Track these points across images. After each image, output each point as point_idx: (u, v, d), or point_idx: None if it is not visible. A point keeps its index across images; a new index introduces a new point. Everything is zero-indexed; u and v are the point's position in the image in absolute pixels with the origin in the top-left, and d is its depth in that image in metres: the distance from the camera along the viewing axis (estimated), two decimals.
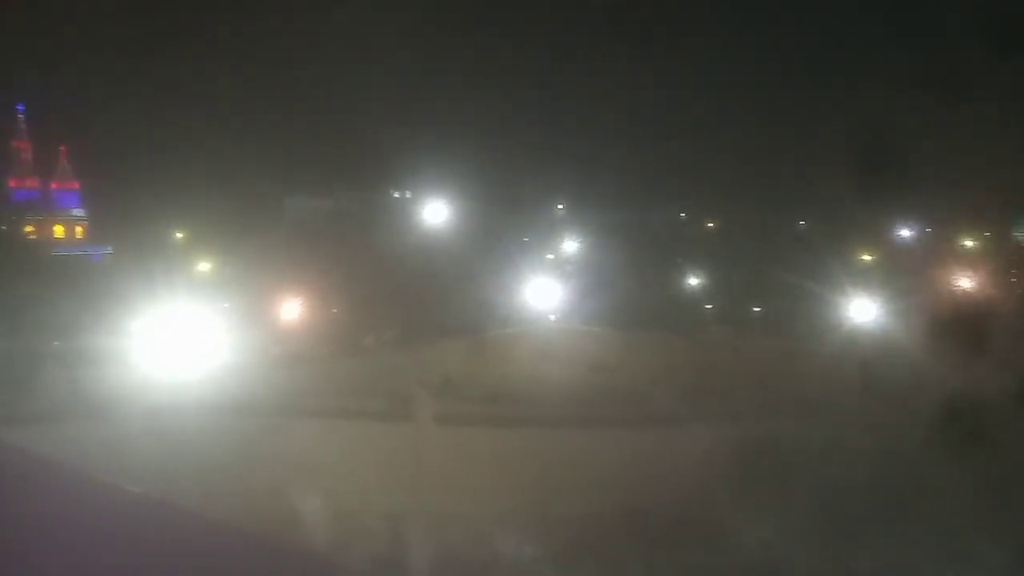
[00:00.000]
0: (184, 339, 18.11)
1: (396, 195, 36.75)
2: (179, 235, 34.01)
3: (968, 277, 29.60)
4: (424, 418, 12.75)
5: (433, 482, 12.32)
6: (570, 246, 38.30)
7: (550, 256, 35.82)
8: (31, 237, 37.98)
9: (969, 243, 38.49)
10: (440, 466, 12.38)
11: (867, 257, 34.20)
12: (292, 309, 24.32)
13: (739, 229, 38.97)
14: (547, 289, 27.43)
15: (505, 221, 34.23)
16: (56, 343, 19.53)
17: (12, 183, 39.82)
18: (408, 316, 25.62)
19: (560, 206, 41.80)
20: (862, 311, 23.10)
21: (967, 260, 34.33)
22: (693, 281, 35.75)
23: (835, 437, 15.28)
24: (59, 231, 39.72)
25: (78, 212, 40.49)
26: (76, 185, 40.26)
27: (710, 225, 42.03)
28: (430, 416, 12.75)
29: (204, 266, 30.18)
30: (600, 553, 11.99)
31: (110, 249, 36.32)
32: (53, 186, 40.30)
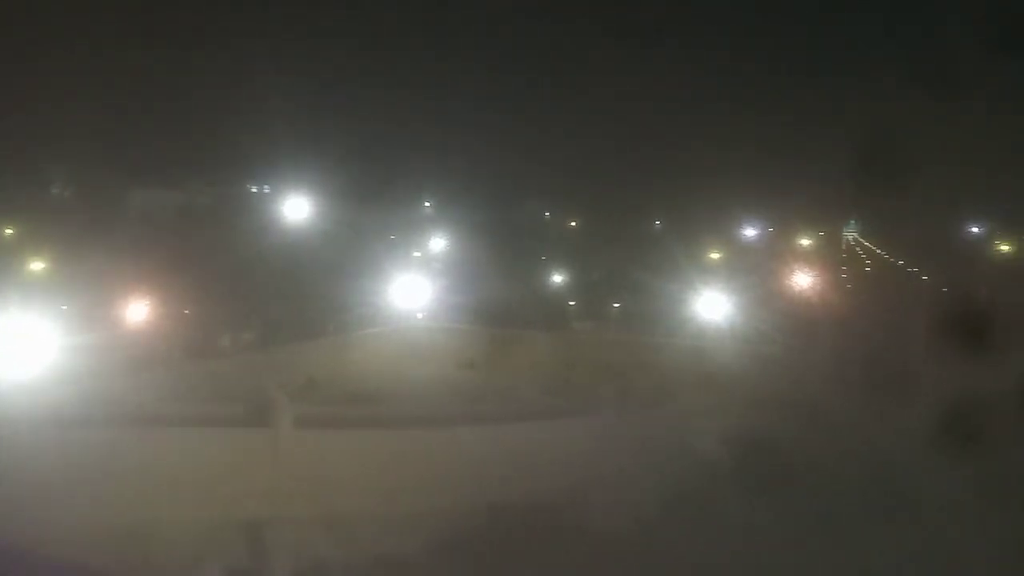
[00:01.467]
0: (16, 345, 16.60)
1: (254, 189, 35.30)
2: (8, 231, 31.11)
3: (805, 273, 32.20)
4: (284, 422, 12.30)
5: (294, 488, 11.92)
6: (437, 244, 38.23)
7: (417, 254, 35.62)
8: None
9: (806, 241, 41.82)
10: (301, 471, 11.99)
11: (715, 256, 36.38)
12: (139, 310, 22.81)
13: (600, 228, 40.40)
14: (414, 287, 27.25)
15: (370, 218, 33.69)
16: None
17: None
18: (268, 316, 24.69)
19: (427, 203, 41.59)
20: (711, 306, 24.50)
21: (804, 257, 37.33)
22: (557, 278, 36.67)
23: (692, 425, 16.17)
24: None
25: None
26: None
27: (573, 224, 43.24)
28: (290, 420, 12.32)
29: (38, 265, 27.74)
30: (467, 550, 12.03)
31: None
32: None
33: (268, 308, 24.95)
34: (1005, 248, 40.60)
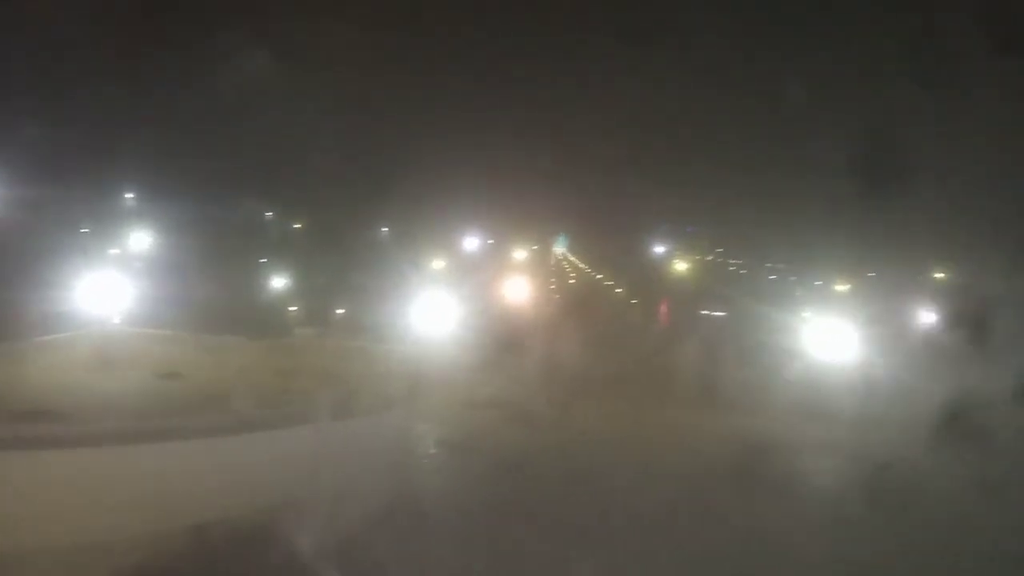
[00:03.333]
0: None
1: None
2: None
3: (518, 284, 34.55)
4: None
5: None
6: (141, 240, 34.95)
7: (115, 250, 32.16)
8: None
9: (520, 254, 44.88)
10: None
11: (438, 265, 37.60)
12: None
13: (326, 232, 39.67)
14: (110, 287, 24.53)
15: (57, 207, 29.71)
16: None
17: None
18: None
19: (129, 195, 37.84)
20: (434, 313, 25.28)
21: (518, 269, 39.98)
22: (278, 282, 35.36)
23: (412, 430, 16.49)
24: None
25: None
26: None
27: (297, 226, 41.91)
28: None
29: None
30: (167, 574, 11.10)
31: None
32: None
33: None
34: (682, 267, 47.11)
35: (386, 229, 40.52)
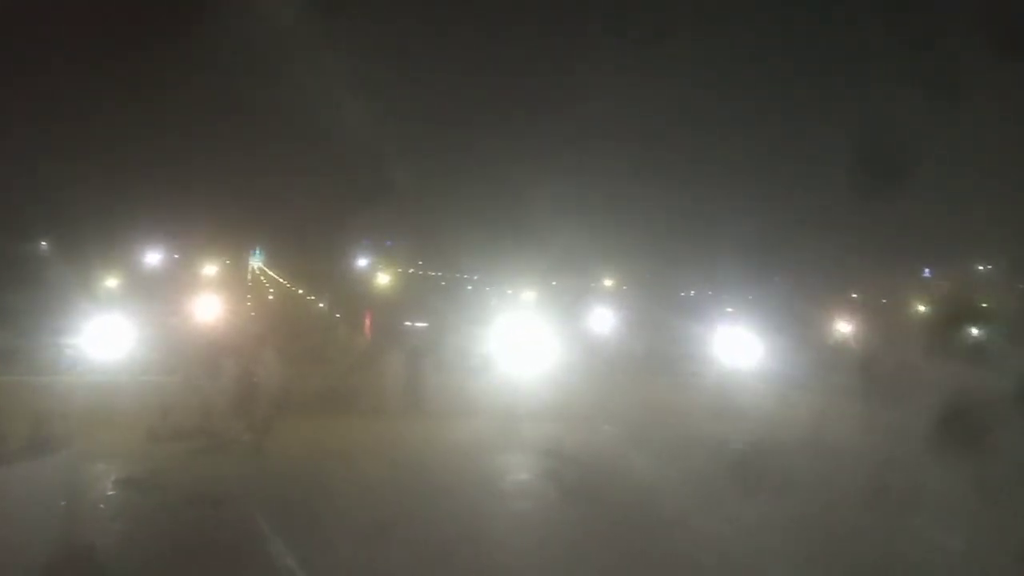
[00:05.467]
0: None
1: None
2: None
3: (210, 301, 32.30)
4: None
5: None
6: None
7: None
8: None
9: (211, 269, 42.13)
10: None
11: (111, 283, 33.81)
12: None
13: None
14: None
15: None
16: None
17: None
18: None
19: None
20: (103, 338, 22.70)
21: (209, 285, 37.39)
22: None
23: (75, 472, 14.40)
24: None
25: None
26: None
27: None
28: None
29: None
30: None
31: None
32: None
33: None
34: (384, 280, 47.67)
35: (45, 243, 35.23)
